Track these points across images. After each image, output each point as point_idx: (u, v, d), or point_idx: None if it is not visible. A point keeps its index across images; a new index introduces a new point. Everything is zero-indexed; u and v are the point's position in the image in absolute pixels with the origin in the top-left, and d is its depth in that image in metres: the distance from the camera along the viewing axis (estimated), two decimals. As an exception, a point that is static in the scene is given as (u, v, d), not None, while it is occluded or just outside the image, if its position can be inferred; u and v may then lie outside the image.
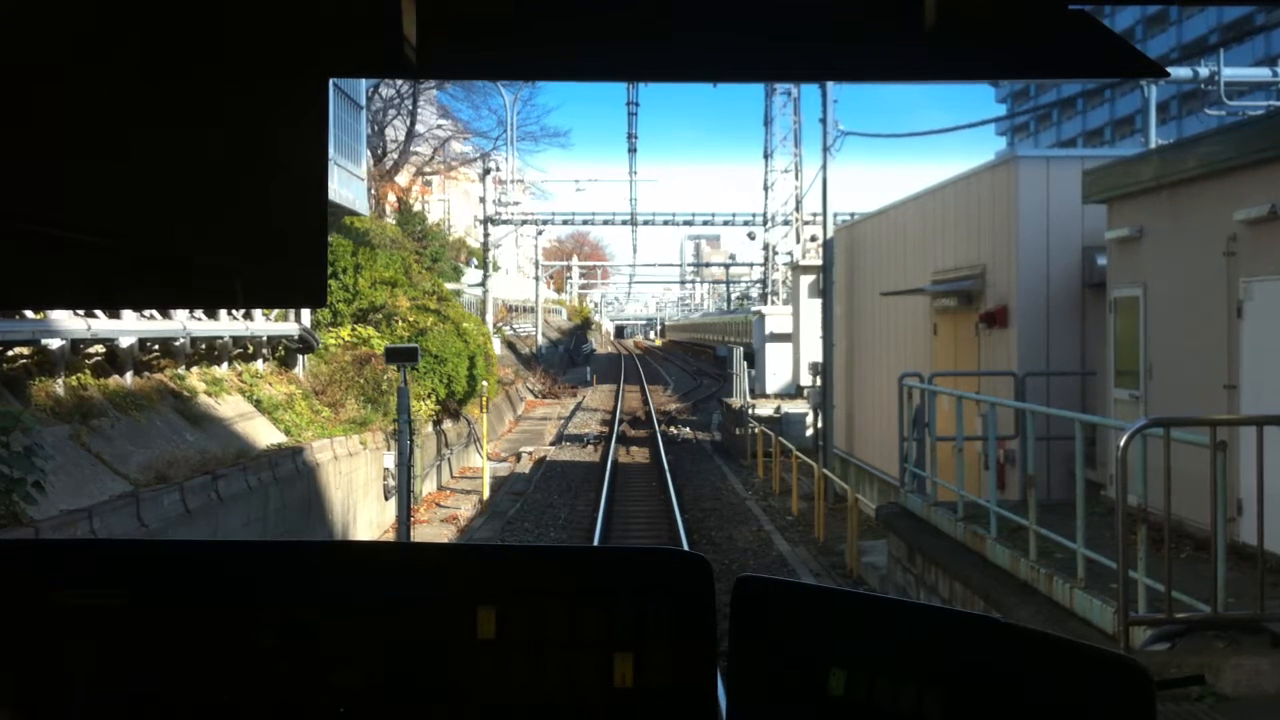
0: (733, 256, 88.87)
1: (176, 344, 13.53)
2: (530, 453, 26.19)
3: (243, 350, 16.18)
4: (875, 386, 17.46)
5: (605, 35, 1.01)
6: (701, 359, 64.73)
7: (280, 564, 1.32)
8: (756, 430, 23.37)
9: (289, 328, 17.15)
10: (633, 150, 42.19)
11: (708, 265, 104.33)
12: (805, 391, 25.66)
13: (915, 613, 1.19)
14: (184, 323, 13.35)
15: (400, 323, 21.38)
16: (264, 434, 14.49)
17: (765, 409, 25.83)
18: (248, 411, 14.74)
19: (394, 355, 12.57)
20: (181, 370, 13.79)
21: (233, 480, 11.46)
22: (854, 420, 18.84)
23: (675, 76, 1.08)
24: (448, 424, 23.45)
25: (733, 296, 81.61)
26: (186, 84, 1.03)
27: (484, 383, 22.88)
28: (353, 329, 20.12)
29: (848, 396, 19.02)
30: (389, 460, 16.77)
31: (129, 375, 12.42)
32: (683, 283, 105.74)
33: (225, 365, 15.34)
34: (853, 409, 18.89)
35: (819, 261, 26.46)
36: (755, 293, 68.81)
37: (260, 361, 16.74)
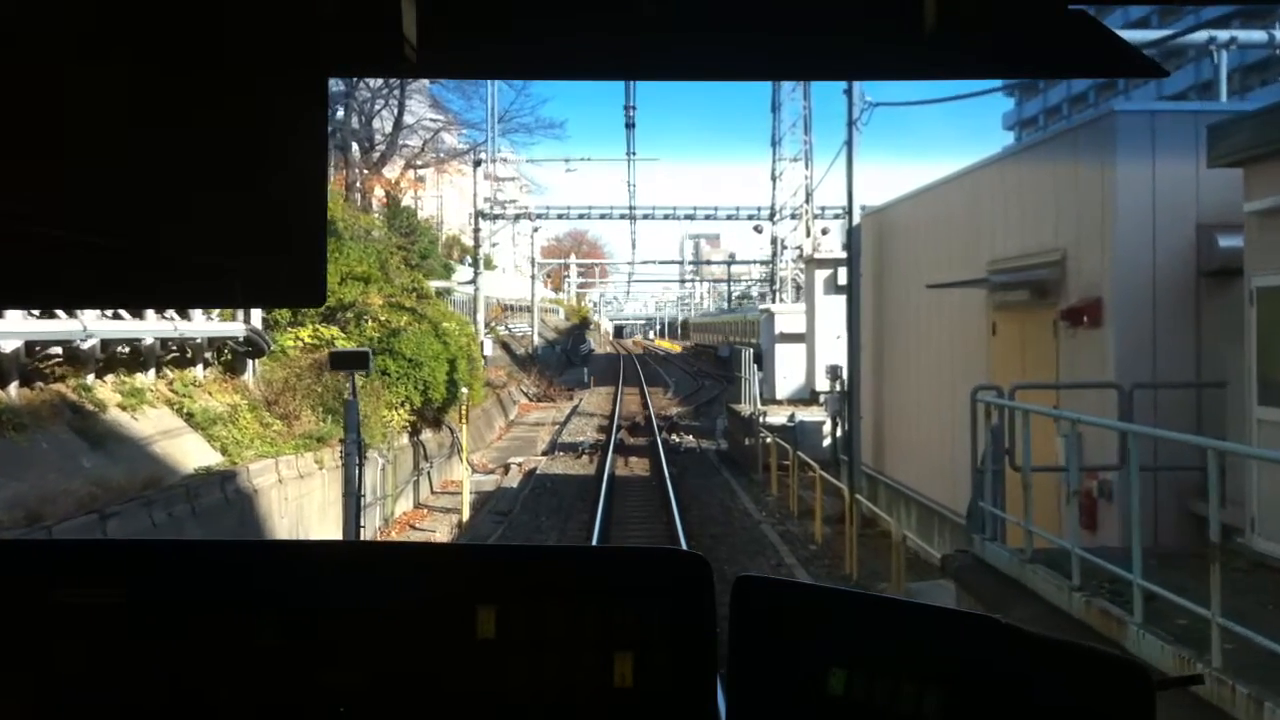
0: (733, 255, 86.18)
1: (84, 348, 11.25)
2: (520, 464, 24.02)
3: (179, 355, 13.89)
4: (912, 394, 15.16)
5: (606, 34, 1.01)
6: (702, 359, 62.57)
7: (280, 563, 1.29)
8: (768, 440, 21.10)
9: (234, 328, 14.82)
10: (630, 125, 35.54)
11: (708, 263, 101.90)
12: (821, 397, 23.31)
13: (915, 613, 1.15)
14: (87, 323, 10.98)
15: (371, 322, 19.10)
16: (194, 454, 12.20)
17: (777, 416, 23.50)
18: (174, 427, 12.43)
19: (340, 361, 10.33)
20: (90, 379, 11.49)
21: (130, 518, 9.18)
22: (883, 432, 16.52)
23: (675, 75, 1.07)
24: (428, 434, 21.21)
25: (733, 296, 79.06)
26: (186, 84, 1.03)
27: (465, 389, 20.52)
28: (315, 329, 17.79)
29: (876, 405, 16.69)
30: (351, 480, 14.46)
31: (13, 386, 10.14)
32: (683, 281, 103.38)
33: (152, 372, 13.03)
34: (882, 419, 16.56)
35: (835, 254, 24.13)
36: (756, 292, 66.42)
37: (200, 367, 14.43)
